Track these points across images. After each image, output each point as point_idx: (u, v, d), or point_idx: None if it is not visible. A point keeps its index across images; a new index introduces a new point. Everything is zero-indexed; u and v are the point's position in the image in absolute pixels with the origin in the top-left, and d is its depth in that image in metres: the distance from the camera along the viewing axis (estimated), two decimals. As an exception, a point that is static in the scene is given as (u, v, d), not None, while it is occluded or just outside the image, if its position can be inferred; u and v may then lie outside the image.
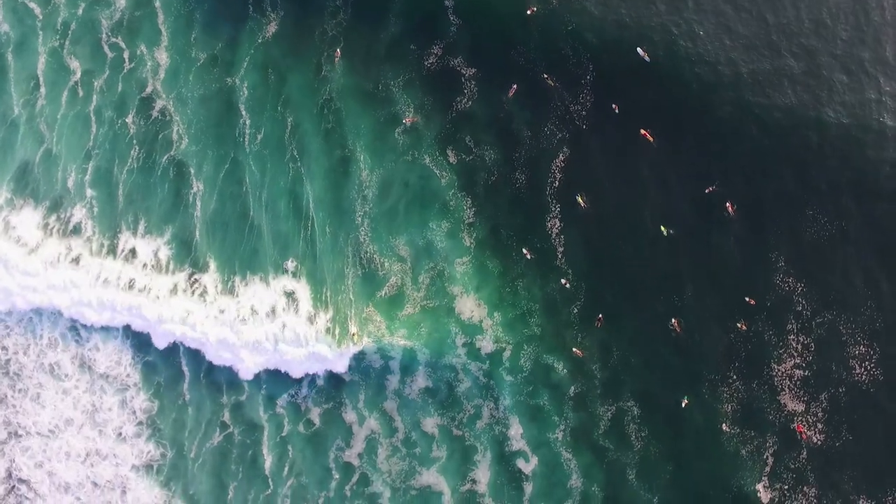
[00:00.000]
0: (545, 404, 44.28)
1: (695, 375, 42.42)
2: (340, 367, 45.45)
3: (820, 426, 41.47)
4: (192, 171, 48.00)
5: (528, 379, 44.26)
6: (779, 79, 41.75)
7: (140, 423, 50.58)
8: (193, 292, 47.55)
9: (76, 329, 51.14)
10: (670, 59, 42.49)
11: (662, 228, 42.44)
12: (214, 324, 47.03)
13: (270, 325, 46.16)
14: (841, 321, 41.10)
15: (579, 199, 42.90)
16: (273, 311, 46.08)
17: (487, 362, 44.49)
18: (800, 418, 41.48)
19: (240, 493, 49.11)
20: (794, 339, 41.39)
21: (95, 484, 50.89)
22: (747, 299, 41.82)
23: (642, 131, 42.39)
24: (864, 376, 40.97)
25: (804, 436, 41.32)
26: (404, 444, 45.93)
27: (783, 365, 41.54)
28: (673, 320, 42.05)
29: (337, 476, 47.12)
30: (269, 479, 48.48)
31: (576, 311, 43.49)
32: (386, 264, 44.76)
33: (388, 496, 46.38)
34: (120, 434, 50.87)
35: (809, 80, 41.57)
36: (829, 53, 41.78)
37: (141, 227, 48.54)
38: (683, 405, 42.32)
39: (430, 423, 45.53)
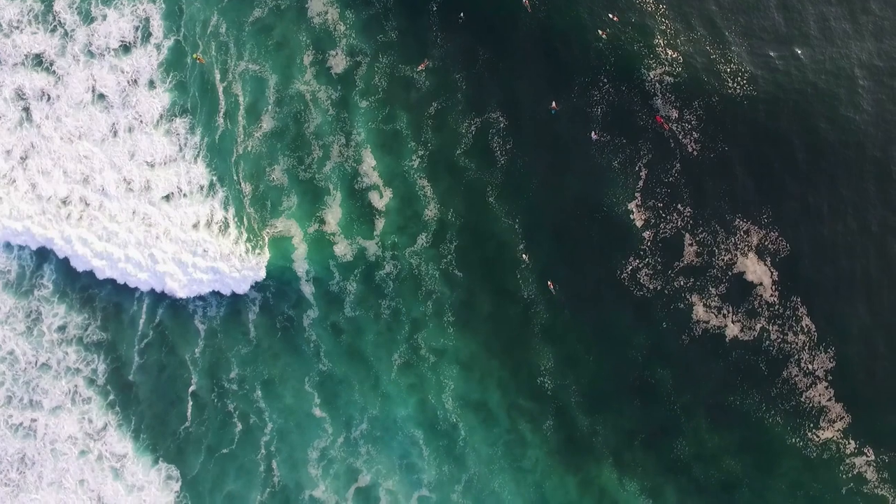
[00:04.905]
0: (402, 128, 39.99)
1: (564, 81, 39.28)
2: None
3: (695, 135, 38.21)
4: None
5: (384, 100, 40.21)
6: None
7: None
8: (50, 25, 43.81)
9: None
10: None
11: None
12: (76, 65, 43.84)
13: (120, 61, 43.28)
14: (710, 42, 39.65)
15: None
16: (126, 44, 42.94)
17: (339, 86, 40.57)
18: (673, 124, 38.34)
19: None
20: (661, 51, 39.33)
21: None
22: (610, 16, 40.17)
23: None
24: (738, 90, 38.77)
25: (666, 126, 37.88)
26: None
27: (653, 72, 39.08)
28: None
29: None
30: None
31: (434, 8, 40.73)
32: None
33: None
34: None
35: None
36: None
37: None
38: (552, 109, 38.82)
39: (278, 172, 40.45)
